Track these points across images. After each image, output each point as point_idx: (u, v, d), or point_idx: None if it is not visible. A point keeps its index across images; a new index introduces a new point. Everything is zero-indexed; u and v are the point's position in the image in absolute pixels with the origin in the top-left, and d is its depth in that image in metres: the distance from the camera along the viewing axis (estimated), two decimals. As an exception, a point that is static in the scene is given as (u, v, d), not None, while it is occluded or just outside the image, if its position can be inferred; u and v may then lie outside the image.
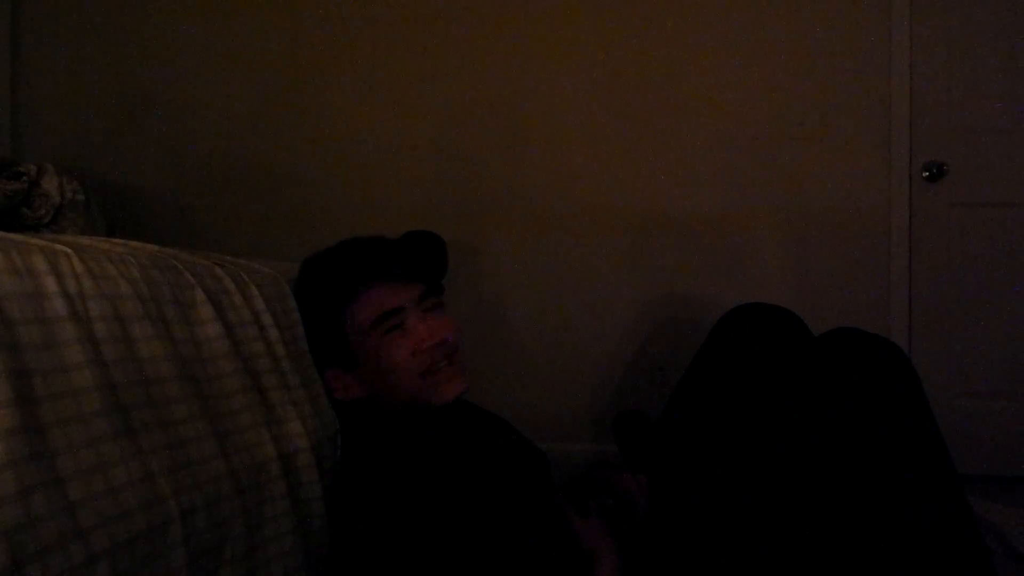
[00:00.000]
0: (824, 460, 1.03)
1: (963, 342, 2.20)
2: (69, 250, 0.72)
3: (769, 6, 2.23)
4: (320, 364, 1.05)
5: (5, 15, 2.45)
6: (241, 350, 0.91)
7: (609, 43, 2.28)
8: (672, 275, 2.26)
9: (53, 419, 0.62)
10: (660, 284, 2.26)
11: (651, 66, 2.27)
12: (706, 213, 2.25)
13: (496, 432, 1.16)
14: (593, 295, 2.28)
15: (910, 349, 2.19)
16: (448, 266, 2.09)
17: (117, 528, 0.64)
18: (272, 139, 2.40)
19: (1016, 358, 2.19)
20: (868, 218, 2.21)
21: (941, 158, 2.20)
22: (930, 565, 0.94)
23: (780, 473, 1.05)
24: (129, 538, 0.65)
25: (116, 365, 0.71)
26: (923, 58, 2.21)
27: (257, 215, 2.40)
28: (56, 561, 0.58)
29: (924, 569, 0.94)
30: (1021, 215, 2.20)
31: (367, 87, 2.37)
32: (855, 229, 2.21)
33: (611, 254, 2.28)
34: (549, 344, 2.30)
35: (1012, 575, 1.49)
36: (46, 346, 0.64)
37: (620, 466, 1.21)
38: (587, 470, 1.88)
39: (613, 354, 2.27)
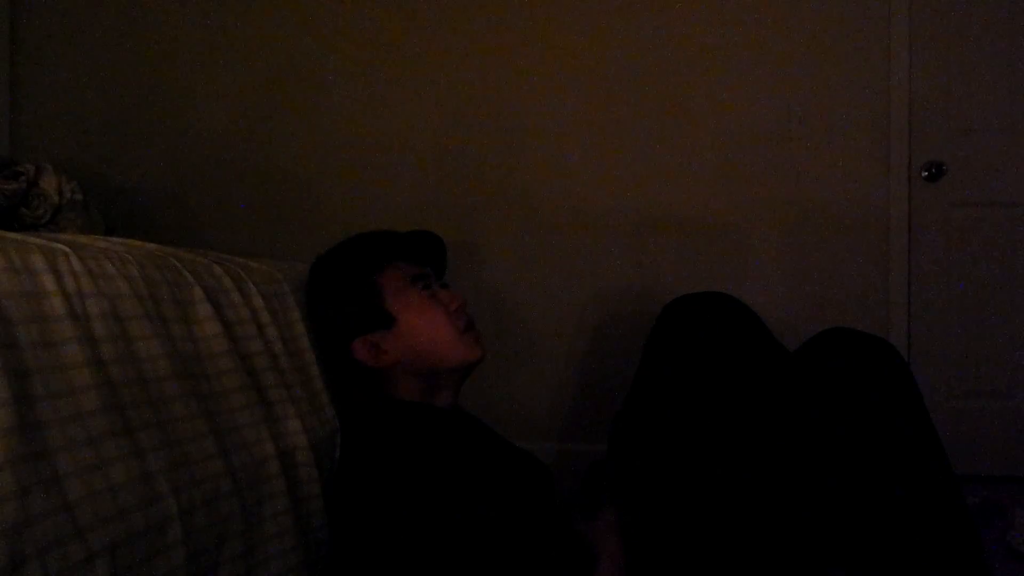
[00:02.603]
0: (819, 461, 1.03)
1: (963, 342, 2.20)
2: (67, 249, 0.72)
3: (768, 6, 2.23)
4: (347, 338, 1.07)
5: (5, 15, 2.45)
6: (239, 348, 0.91)
7: (608, 42, 2.28)
8: (671, 274, 2.26)
9: (51, 418, 0.62)
10: (659, 283, 2.26)
11: (650, 65, 2.27)
12: (705, 212, 2.25)
13: (495, 440, 1.16)
14: (591, 294, 2.28)
15: (910, 349, 2.19)
16: (447, 265, 2.09)
17: (116, 527, 0.64)
18: (272, 139, 2.40)
19: (1016, 358, 2.19)
20: (867, 218, 2.21)
21: (941, 158, 2.20)
22: (926, 564, 0.94)
23: (773, 476, 1.05)
24: (128, 537, 0.65)
25: (114, 364, 0.71)
26: (922, 58, 2.20)
27: (256, 215, 2.40)
28: (55, 560, 0.58)
29: (920, 567, 0.93)
30: (1021, 215, 2.20)
31: (367, 87, 2.36)
32: (854, 229, 2.21)
33: (610, 253, 2.28)
34: (548, 342, 2.30)
35: (1012, 575, 1.49)
36: (44, 345, 0.64)
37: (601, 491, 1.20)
38: (594, 468, 1.86)
39: (612, 353, 2.27)
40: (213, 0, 2.42)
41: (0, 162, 1.96)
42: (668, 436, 1.17)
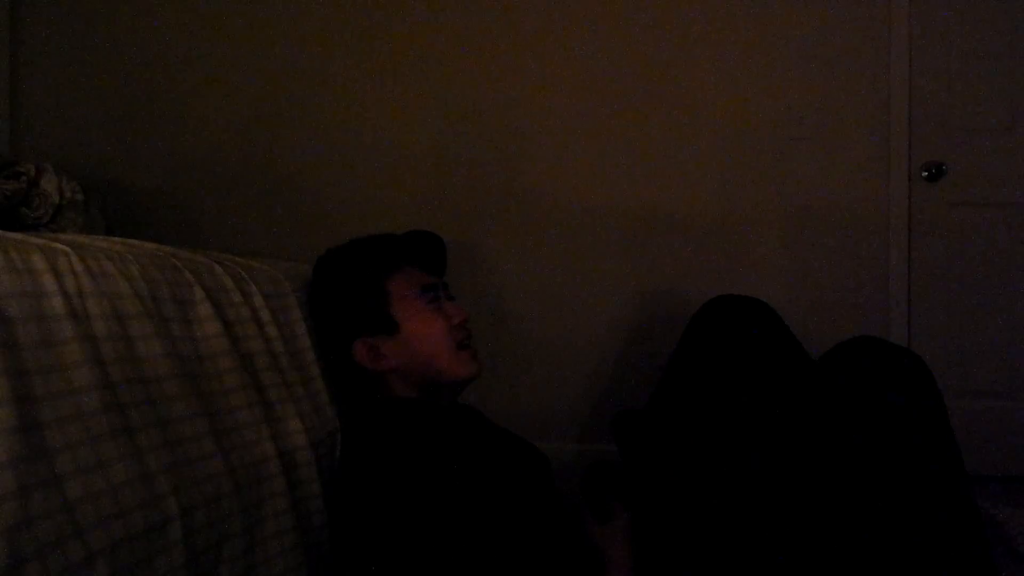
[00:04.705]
0: (838, 472, 1.02)
1: (963, 342, 2.20)
2: (68, 248, 0.72)
3: (768, 6, 2.23)
4: (349, 338, 1.08)
5: (5, 15, 2.45)
6: (239, 348, 0.91)
7: (607, 42, 2.28)
8: (671, 274, 2.26)
9: (52, 418, 0.62)
10: (659, 283, 2.26)
11: (650, 65, 2.27)
12: (705, 212, 2.25)
13: (497, 434, 1.17)
14: (592, 294, 2.28)
15: (909, 349, 2.19)
16: (447, 265, 2.09)
17: (116, 527, 0.64)
18: (272, 139, 2.40)
19: (1016, 358, 2.19)
20: (867, 218, 2.21)
21: (941, 158, 2.20)
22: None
23: (793, 484, 1.05)
24: (128, 536, 0.65)
25: (115, 363, 0.71)
26: (923, 58, 2.20)
27: (257, 215, 2.40)
28: (55, 560, 0.58)
29: None
30: (1021, 215, 2.20)
31: (367, 87, 2.36)
32: (854, 229, 2.21)
33: (610, 253, 2.28)
34: (548, 343, 2.30)
35: (1012, 575, 1.49)
36: (45, 345, 0.64)
37: (605, 491, 1.20)
38: (591, 470, 1.86)
39: (612, 354, 2.27)
40: (213, 1, 2.42)
41: (1, 162, 1.96)
42: (691, 442, 1.18)
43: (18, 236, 0.72)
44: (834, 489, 1.02)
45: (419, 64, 2.34)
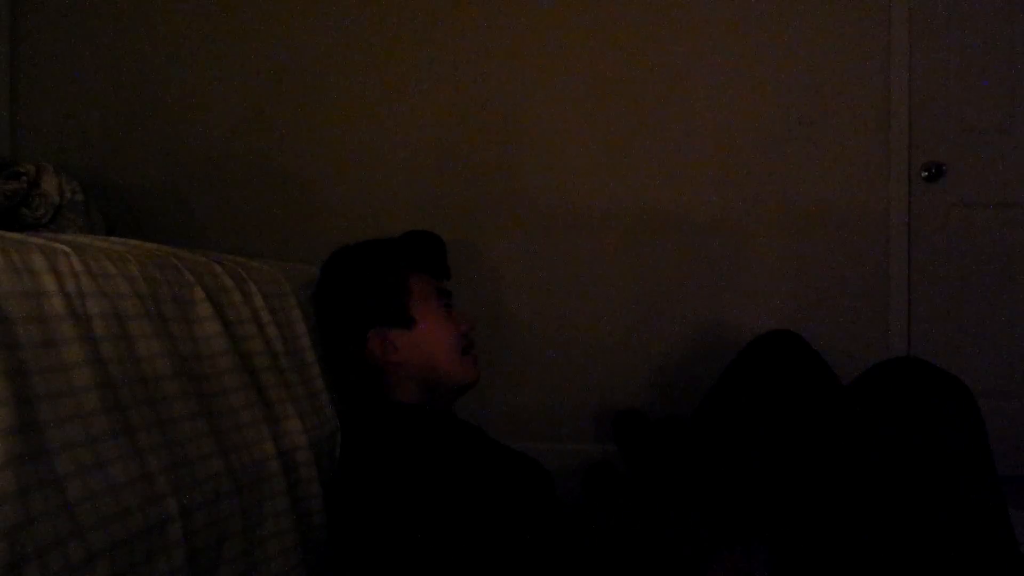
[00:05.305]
0: (844, 473, 1.02)
1: (963, 342, 2.20)
2: (68, 248, 0.72)
3: (768, 6, 2.23)
4: (365, 327, 1.09)
5: (5, 15, 2.45)
6: (240, 348, 0.91)
7: (607, 43, 2.28)
8: (671, 275, 2.26)
9: (52, 418, 0.62)
10: (659, 283, 2.26)
11: (650, 66, 2.27)
12: (705, 213, 2.25)
13: (497, 447, 1.17)
14: (592, 295, 2.28)
15: (910, 349, 2.19)
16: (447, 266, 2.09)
17: (116, 527, 0.64)
18: (272, 139, 2.40)
19: (1016, 358, 2.19)
20: (867, 218, 2.21)
21: (940, 158, 2.20)
22: None
23: (797, 484, 1.05)
24: (128, 537, 0.65)
25: (115, 363, 0.71)
26: (923, 58, 2.20)
27: (257, 215, 2.40)
28: (55, 560, 0.58)
29: None
30: (1021, 215, 2.20)
31: (367, 87, 2.36)
32: (854, 229, 2.21)
33: (610, 254, 2.28)
34: (548, 344, 2.30)
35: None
36: (45, 344, 0.64)
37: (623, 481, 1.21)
38: (592, 470, 1.86)
39: (612, 354, 2.27)
40: (213, 1, 2.42)
41: (1, 162, 1.96)
42: (694, 442, 1.18)
43: (18, 236, 0.72)
44: (835, 490, 1.02)
45: (420, 64, 2.34)
